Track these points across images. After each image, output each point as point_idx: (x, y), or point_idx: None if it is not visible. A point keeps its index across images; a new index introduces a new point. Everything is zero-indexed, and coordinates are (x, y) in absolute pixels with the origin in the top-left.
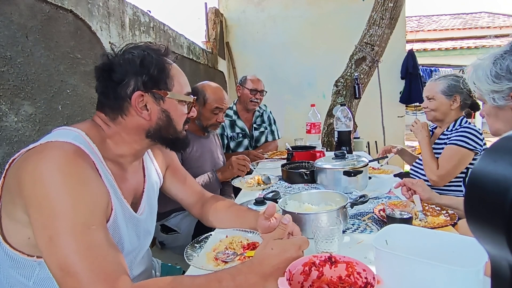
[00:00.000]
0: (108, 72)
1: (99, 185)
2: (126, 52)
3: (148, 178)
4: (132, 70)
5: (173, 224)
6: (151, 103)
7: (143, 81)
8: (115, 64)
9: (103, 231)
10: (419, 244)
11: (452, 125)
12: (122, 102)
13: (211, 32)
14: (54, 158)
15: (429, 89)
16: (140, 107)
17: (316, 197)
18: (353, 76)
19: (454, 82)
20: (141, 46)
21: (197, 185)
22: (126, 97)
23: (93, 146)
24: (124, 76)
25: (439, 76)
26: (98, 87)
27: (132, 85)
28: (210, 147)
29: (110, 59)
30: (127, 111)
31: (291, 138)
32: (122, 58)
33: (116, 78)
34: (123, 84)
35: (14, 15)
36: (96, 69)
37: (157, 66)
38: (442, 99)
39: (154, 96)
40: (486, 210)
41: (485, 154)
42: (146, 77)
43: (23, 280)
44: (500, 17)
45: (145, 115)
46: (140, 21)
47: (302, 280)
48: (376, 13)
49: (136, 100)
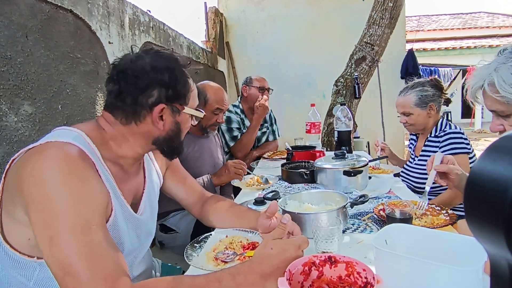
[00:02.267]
0: (133, 78)
1: (99, 185)
2: (153, 58)
3: (149, 179)
4: (159, 81)
5: (172, 224)
6: (168, 115)
7: (167, 94)
8: (141, 71)
9: (103, 231)
10: (419, 244)
11: (435, 130)
12: (140, 110)
13: (210, 31)
14: (54, 158)
15: (402, 105)
16: (158, 118)
17: (316, 197)
18: (353, 75)
19: (424, 92)
20: (167, 55)
21: (197, 185)
22: (147, 106)
23: (93, 147)
24: (150, 85)
25: (405, 89)
26: (113, 89)
27: (156, 96)
28: (209, 147)
29: (136, 63)
30: (142, 119)
31: (291, 138)
32: (150, 65)
33: (141, 86)
34: (147, 93)
35: (14, 15)
36: (117, 71)
37: (182, 81)
38: (419, 112)
39: (172, 109)
40: (486, 209)
41: (485, 153)
42: (171, 91)
43: (24, 280)
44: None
45: (160, 125)
46: (140, 21)
47: (302, 280)
48: (376, 12)
49: (157, 111)
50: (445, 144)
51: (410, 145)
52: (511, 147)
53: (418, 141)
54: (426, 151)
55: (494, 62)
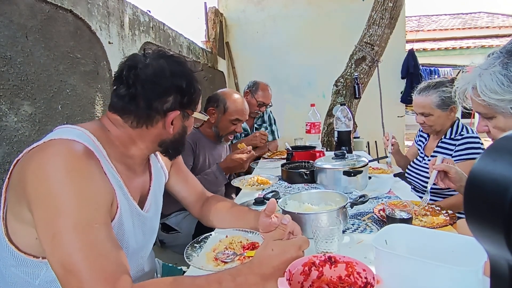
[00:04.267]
0: (151, 83)
1: (103, 182)
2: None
3: (155, 175)
4: (176, 88)
5: (173, 223)
6: (178, 120)
7: (181, 101)
8: (160, 76)
9: (107, 230)
10: (419, 244)
11: (450, 132)
12: (155, 115)
13: (210, 31)
14: (58, 155)
15: (423, 105)
16: (170, 123)
17: (316, 197)
18: (353, 75)
19: (447, 93)
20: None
21: (199, 185)
22: (161, 112)
23: (98, 145)
24: (168, 92)
25: (426, 88)
26: (126, 92)
27: (171, 102)
28: (221, 154)
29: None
30: (155, 124)
31: (291, 138)
32: (170, 71)
33: (159, 92)
34: (163, 99)
35: (14, 15)
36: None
37: (197, 88)
38: (439, 113)
39: (183, 115)
40: (486, 209)
41: (485, 154)
42: (186, 98)
43: (29, 279)
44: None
45: (170, 130)
46: (139, 21)
47: (302, 280)
48: (376, 12)
49: (171, 117)
50: (462, 148)
51: (420, 143)
52: (511, 147)
53: (430, 141)
54: (439, 153)
55: (479, 67)
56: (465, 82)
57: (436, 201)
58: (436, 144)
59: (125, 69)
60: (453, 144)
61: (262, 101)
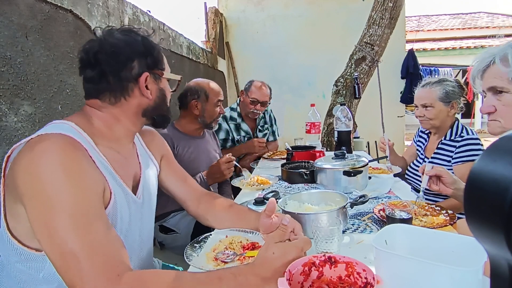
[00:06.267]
0: (112, 56)
1: (93, 172)
2: (122, 34)
3: (143, 164)
4: (137, 52)
5: (171, 225)
6: (152, 83)
7: (146, 63)
8: (117, 47)
9: (102, 217)
10: (419, 244)
11: (450, 133)
12: (127, 83)
13: (210, 32)
14: (46, 150)
15: (426, 97)
16: (144, 87)
17: (316, 197)
18: (353, 75)
19: (451, 88)
20: (133, 29)
21: (193, 181)
22: (132, 78)
23: (84, 135)
24: (130, 58)
25: (430, 82)
26: (93, 73)
27: (137, 66)
28: (206, 147)
29: (108, 43)
30: (131, 92)
31: (291, 138)
32: (123, 41)
33: (122, 60)
34: (129, 66)
35: (14, 15)
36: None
37: (156, 48)
38: (441, 107)
39: (154, 76)
40: (486, 209)
41: (485, 153)
42: (149, 58)
43: (32, 272)
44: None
45: (148, 95)
46: (139, 21)
47: (302, 280)
48: (375, 12)
49: (143, 81)
50: (462, 150)
51: (419, 144)
52: (511, 147)
53: (430, 142)
54: (440, 154)
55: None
56: (489, 54)
57: (437, 201)
58: (437, 145)
59: (84, 54)
60: (454, 146)
61: (255, 98)
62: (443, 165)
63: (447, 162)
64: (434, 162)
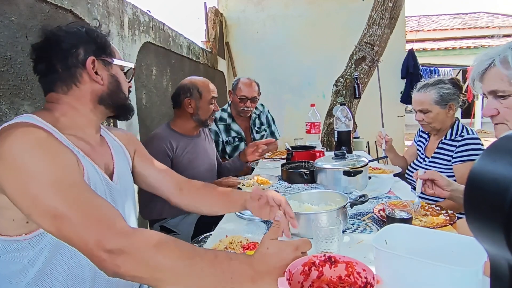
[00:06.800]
0: (56, 44)
1: (64, 147)
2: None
3: (116, 155)
4: (81, 39)
5: (172, 225)
6: (101, 69)
7: (92, 49)
8: (61, 37)
9: (84, 184)
10: (419, 244)
11: (450, 133)
12: (75, 70)
13: (210, 31)
14: (17, 135)
15: (421, 102)
16: (93, 72)
17: (316, 197)
18: (353, 75)
19: (446, 90)
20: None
21: (171, 171)
22: (79, 64)
23: (49, 126)
24: (74, 45)
25: (425, 85)
26: (41, 67)
27: (83, 52)
28: (203, 146)
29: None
30: (80, 78)
31: (291, 138)
32: (66, 32)
33: (66, 48)
34: (74, 52)
35: (14, 15)
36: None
37: (100, 35)
38: (438, 110)
39: (103, 62)
40: (486, 209)
41: (485, 153)
42: (94, 44)
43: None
44: (499, 17)
45: (99, 80)
46: (139, 21)
47: (302, 280)
48: (375, 12)
49: (89, 64)
50: (462, 150)
51: (420, 143)
52: (511, 147)
53: (430, 142)
54: (440, 154)
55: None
56: (489, 57)
57: (437, 201)
58: (437, 145)
59: (34, 51)
60: (454, 145)
61: (243, 95)
62: (444, 165)
63: (447, 162)
64: (434, 162)
